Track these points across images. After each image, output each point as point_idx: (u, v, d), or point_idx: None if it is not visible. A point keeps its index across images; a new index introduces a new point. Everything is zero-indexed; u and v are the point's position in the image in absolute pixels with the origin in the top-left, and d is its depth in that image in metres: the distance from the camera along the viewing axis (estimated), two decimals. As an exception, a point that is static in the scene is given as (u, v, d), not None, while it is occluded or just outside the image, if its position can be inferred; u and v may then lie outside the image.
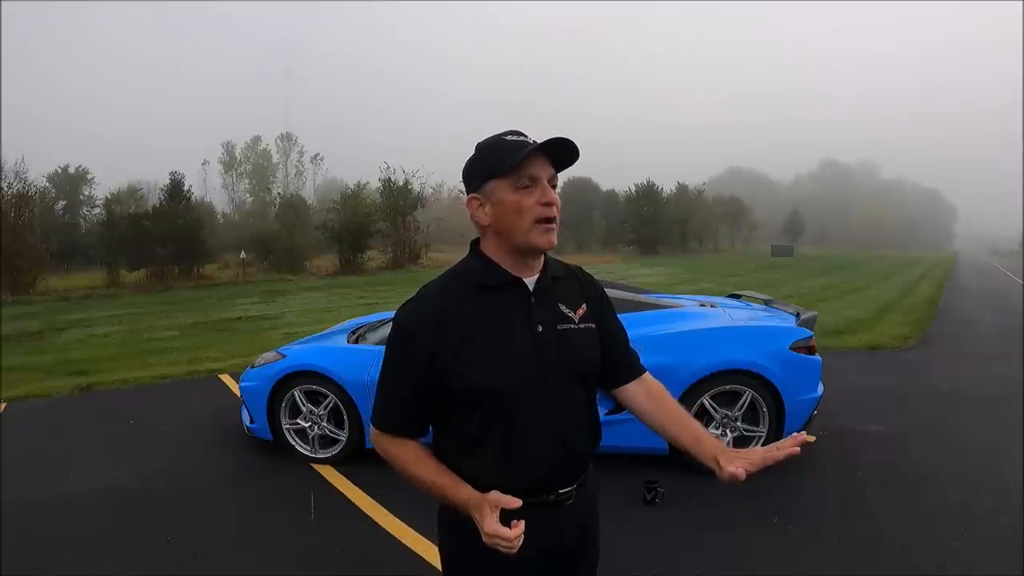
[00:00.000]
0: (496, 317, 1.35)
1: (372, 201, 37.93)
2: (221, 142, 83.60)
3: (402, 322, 1.38)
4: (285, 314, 14.97)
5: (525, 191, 1.32)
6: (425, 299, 1.38)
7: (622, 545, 3.21)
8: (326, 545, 3.39)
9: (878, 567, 3.06)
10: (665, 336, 4.30)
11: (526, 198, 1.31)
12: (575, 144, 1.33)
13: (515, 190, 1.32)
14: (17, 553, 3.35)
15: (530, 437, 1.35)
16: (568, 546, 1.44)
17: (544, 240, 1.33)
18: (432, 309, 1.35)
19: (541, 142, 1.31)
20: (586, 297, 1.48)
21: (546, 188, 1.33)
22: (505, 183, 1.32)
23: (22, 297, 23.56)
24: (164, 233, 29.79)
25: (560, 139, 1.31)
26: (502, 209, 1.33)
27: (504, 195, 1.32)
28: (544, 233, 1.33)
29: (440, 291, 1.38)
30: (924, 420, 5.40)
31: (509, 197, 1.32)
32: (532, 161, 1.31)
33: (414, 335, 1.34)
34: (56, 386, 7.39)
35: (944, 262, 46.66)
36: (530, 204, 1.31)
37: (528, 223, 1.32)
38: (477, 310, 1.34)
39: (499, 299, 1.36)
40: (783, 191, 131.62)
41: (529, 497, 1.34)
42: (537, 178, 1.32)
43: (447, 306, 1.35)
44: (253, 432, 4.77)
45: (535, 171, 1.32)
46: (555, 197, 1.34)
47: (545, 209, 1.32)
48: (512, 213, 1.32)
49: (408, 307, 1.39)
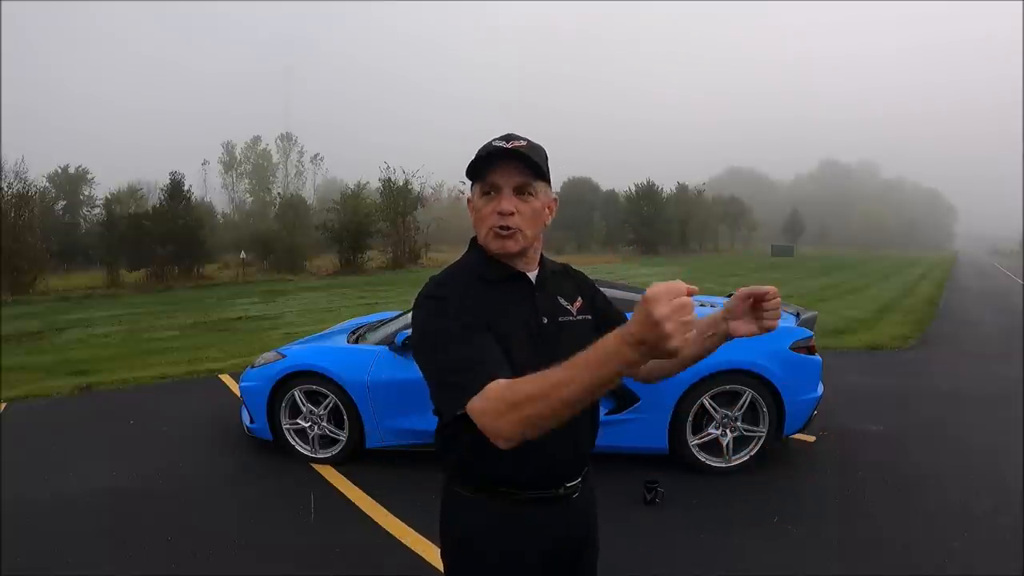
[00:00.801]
0: (503, 309, 1.36)
1: (372, 201, 37.93)
2: (221, 142, 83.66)
3: (433, 295, 1.35)
4: (285, 314, 14.97)
5: (488, 198, 1.36)
6: (441, 281, 1.39)
7: (622, 545, 3.21)
8: (326, 545, 3.39)
9: (878, 567, 3.06)
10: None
11: (486, 205, 1.36)
12: (530, 156, 1.31)
13: (481, 196, 1.37)
14: (17, 553, 3.35)
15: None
16: (575, 542, 1.46)
17: (496, 246, 1.36)
18: (449, 289, 1.35)
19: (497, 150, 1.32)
20: (580, 291, 1.52)
21: (502, 197, 1.34)
22: (477, 188, 1.38)
23: (22, 297, 23.53)
24: (164, 233, 29.74)
25: (512, 149, 1.32)
26: (473, 213, 1.39)
27: (476, 200, 1.38)
28: (496, 239, 1.36)
29: (450, 280, 1.39)
30: (924, 420, 5.41)
31: (477, 203, 1.38)
32: (496, 169, 1.33)
33: (447, 298, 1.33)
34: (56, 386, 7.39)
35: (944, 262, 46.65)
36: (488, 212, 1.35)
37: (485, 229, 1.37)
38: (483, 301, 1.35)
39: (503, 292, 1.38)
40: (783, 191, 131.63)
41: (539, 491, 1.36)
42: (498, 187, 1.34)
43: (460, 293, 1.35)
44: (253, 432, 4.77)
45: (496, 179, 1.34)
46: (509, 207, 1.33)
47: (498, 218, 1.34)
48: (476, 219, 1.39)
49: (428, 288, 1.37)
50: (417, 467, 4.22)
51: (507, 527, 1.38)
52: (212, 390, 6.92)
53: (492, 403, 1.14)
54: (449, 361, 1.25)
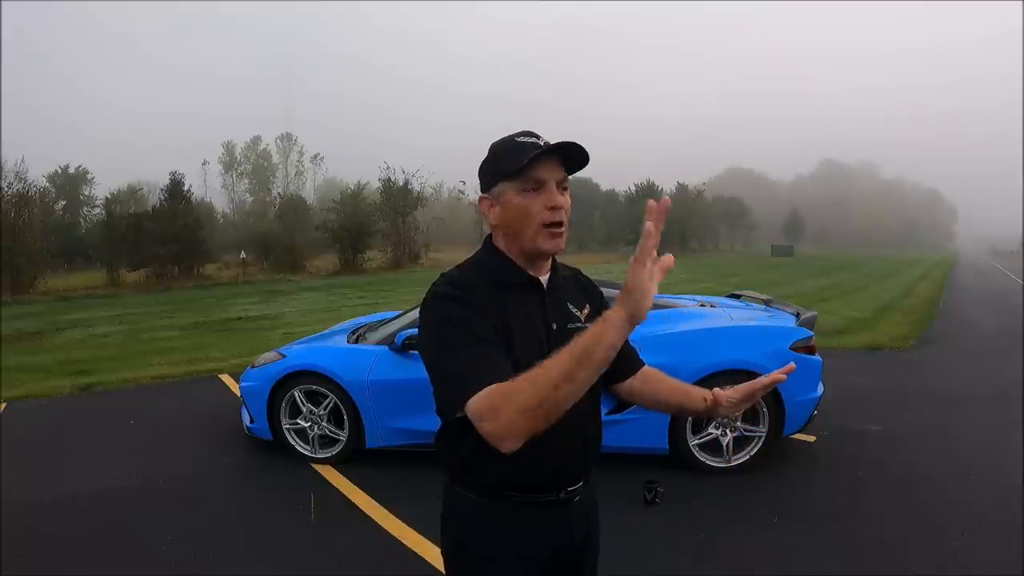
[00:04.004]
0: (515, 312, 1.33)
1: (372, 201, 37.95)
2: (221, 142, 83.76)
3: (447, 293, 1.31)
4: (285, 314, 14.97)
5: (531, 194, 1.30)
6: (454, 279, 1.35)
7: (622, 545, 3.21)
8: (326, 545, 3.39)
9: (878, 567, 3.06)
10: (665, 336, 4.30)
11: (532, 202, 1.30)
12: (583, 148, 1.30)
13: (521, 193, 1.30)
14: (17, 553, 3.35)
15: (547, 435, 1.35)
16: (577, 544, 1.45)
17: (550, 244, 1.32)
18: (464, 289, 1.31)
19: (548, 145, 1.29)
20: (588, 298, 1.50)
21: (553, 192, 1.30)
22: (512, 185, 1.31)
23: (22, 297, 23.54)
24: (164, 233, 29.75)
25: (568, 142, 1.29)
26: (509, 212, 1.32)
27: (511, 198, 1.31)
28: (550, 238, 1.32)
29: (464, 278, 1.35)
30: (924, 420, 5.41)
31: (515, 200, 1.31)
32: (540, 164, 1.29)
33: (461, 298, 1.29)
34: (56, 386, 7.39)
35: (944, 262, 46.66)
36: (536, 208, 1.30)
37: (534, 227, 1.31)
38: (497, 303, 1.32)
39: (516, 296, 1.35)
40: (783, 191, 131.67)
41: (541, 494, 1.35)
42: (544, 181, 1.30)
43: (475, 293, 1.31)
44: (253, 432, 4.77)
45: (542, 174, 1.29)
46: (562, 201, 1.31)
47: (551, 213, 1.30)
48: (519, 216, 1.31)
49: (442, 286, 1.34)
50: (417, 467, 4.22)
51: (509, 530, 1.37)
52: (212, 390, 6.92)
53: (487, 399, 1.14)
54: (457, 362, 1.23)
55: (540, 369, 1.11)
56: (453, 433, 1.37)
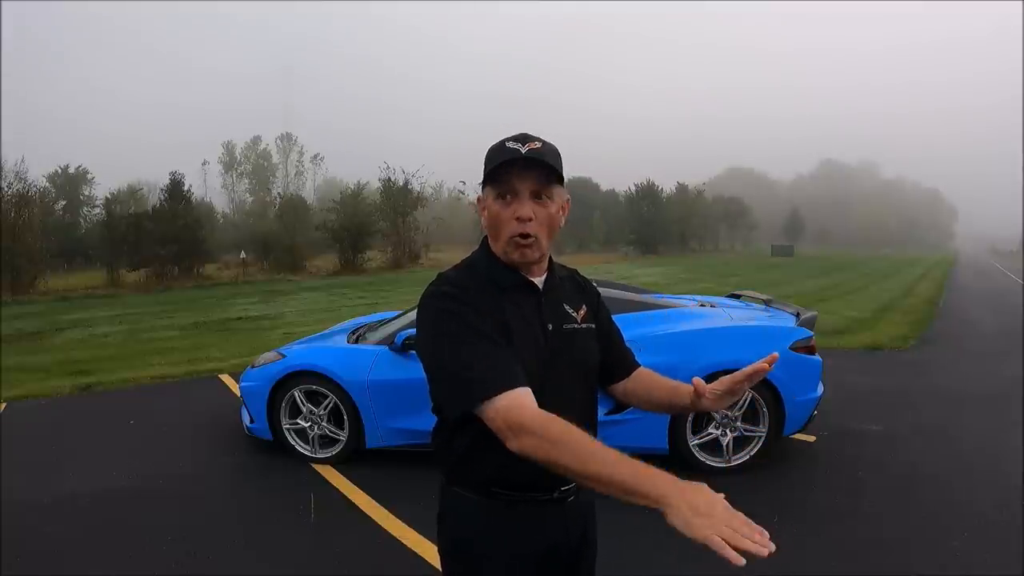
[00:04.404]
0: (511, 313, 1.33)
1: (372, 201, 37.95)
2: (221, 142, 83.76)
3: (446, 291, 1.30)
4: (285, 314, 14.98)
5: (505, 202, 1.30)
6: (454, 278, 1.35)
7: (622, 545, 3.20)
8: (326, 545, 3.39)
9: (878, 567, 3.06)
10: (665, 336, 4.30)
11: (504, 210, 1.30)
12: (549, 162, 1.27)
13: (497, 200, 1.31)
14: (17, 553, 3.35)
15: None
16: (573, 544, 1.45)
17: (516, 255, 1.32)
18: (462, 288, 1.31)
19: (515, 155, 1.26)
20: (585, 298, 1.50)
21: (522, 203, 1.28)
22: (491, 191, 1.32)
23: (22, 297, 23.55)
24: (164, 233, 29.77)
25: (533, 156, 1.27)
26: (488, 216, 1.33)
27: (491, 204, 1.32)
28: (516, 248, 1.31)
29: (463, 278, 1.35)
30: (924, 420, 5.40)
31: (493, 207, 1.32)
32: (513, 172, 1.28)
33: (460, 296, 1.29)
34: (56, 386, 7.39)
35: (944, 262, 46.65)
36: (506, 217, 1.30)
37: (504, 236, 1.31)
38: (495, 303, 1.32)
39: (511, 298, 1.35)
40: (783, 191, 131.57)
41: (535, 493, 1.35)
42: (517, 191, 1.29)
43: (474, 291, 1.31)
44: (253, 432, 4.77)
45: (515, 183, 1.28)
46: (529, 212, 1.28)
47: (518, 225, 1.29)
48: (493, 224, 1.33)
49: (440, 284, 1.33)
50: (417, 467, 4.22)
51: (505, 528, 1.37)
52: (212, 390, 6.92)
53: (531, 422, 1.15)
54: (460, 358, 1.22)
55: (593, 450, 1.13)
56: (449, 430, 1.37)
